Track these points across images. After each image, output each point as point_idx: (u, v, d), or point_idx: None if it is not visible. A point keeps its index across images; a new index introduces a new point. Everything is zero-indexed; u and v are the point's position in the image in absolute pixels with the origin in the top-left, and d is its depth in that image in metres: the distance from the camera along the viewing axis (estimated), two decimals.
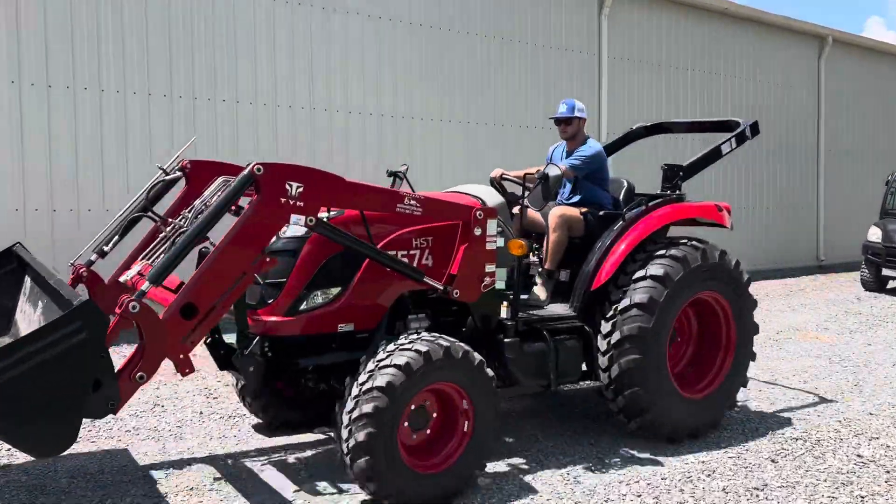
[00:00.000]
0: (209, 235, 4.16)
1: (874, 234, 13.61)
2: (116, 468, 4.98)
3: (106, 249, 4.80)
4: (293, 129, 10.33)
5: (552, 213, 5.76)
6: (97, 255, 4.81)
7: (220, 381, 6.91)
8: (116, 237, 4.83)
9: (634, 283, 5.31)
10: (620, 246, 5.47)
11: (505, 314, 5.16)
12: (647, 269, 5.32)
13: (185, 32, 9.46)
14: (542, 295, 5.66)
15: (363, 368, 4.35)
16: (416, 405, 4.47)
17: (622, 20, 14.04)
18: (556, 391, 5.40)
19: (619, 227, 5.58)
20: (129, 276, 4.53)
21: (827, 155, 18.11)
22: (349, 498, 4.55)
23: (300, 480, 4.83)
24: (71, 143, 8.81)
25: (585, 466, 5.11)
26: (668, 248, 5.45)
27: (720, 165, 15.46)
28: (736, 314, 5.76)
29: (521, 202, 5.25)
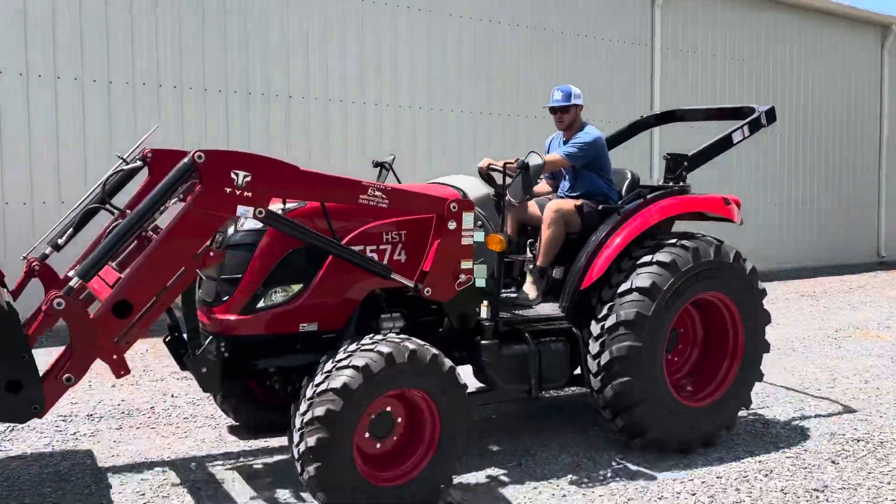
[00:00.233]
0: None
1: None
2: (77, 469, 4.77)
3: (60, 243, 4.58)
4: (360, 125, 10.26)
5: (548, 206, 5.38)
6: (52, 248, 4.60)
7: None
8: (71, 230, 4.61)
9: (620, 296, 4.90)
10: (614, 242, 5.06)
11: (485, 314, 4.81)
12: (632, 280, 4.91)
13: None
14: (531, 294, 5.29)
15: (320, 369, 4.06)
16: (377, 411, 4.15)
17: (675, 10, 13.48)
18: (537, 397, 5.01)
19: (614, 221, 5.18)
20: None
21: (889, 148, 17.28)
22: None
23: (261, 487, 4.56)
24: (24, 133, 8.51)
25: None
26: (654, 251, 5.01)
27: (775, 158, 15.11)
28: (744, 315, 5.29)
29: (502, 193, 4.88)
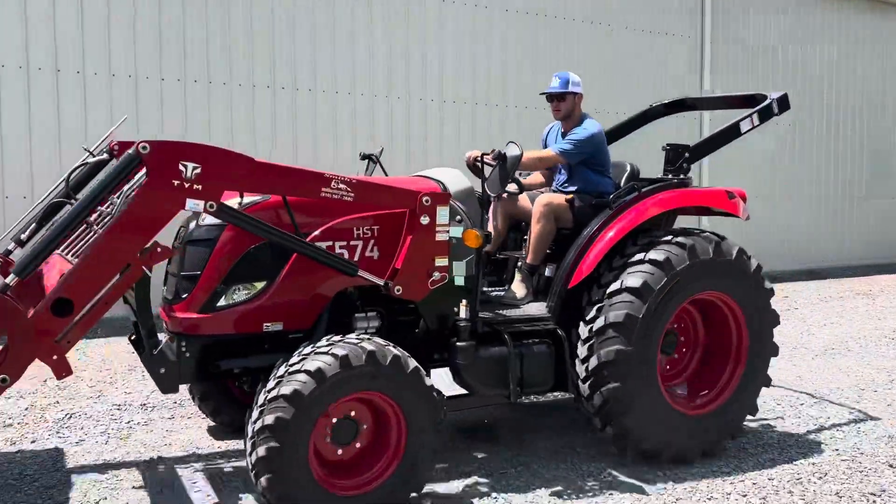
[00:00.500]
0: None
1: None
2: (47, 467, 4.68)
3: (24, 238, 4.46)
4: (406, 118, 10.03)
5: (537, 200, 5.10)
6: (15, 243, 4.48)
7: None
8: (34, 225, 4.48)
9: (610, 297, 4.61)
10: (604, 238, 4.76)
11: (464, 314, 4.54)
12: (622, 279, 4.61)
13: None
14: (520, 292, 5.01)
15: (274, 374, 3.86)
16: (338, 416, 3.94)
17: (727, 0, 12.92)
18: (516, 402, 4.72)
19: (605, 216, 4.87)
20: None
21: None
22: None
23: (227, 491, 4.39)
24: None
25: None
26: (647, 248, 4.70)
27: (835, 153, 14.46)
28: (749, 316, 4.94)
29: (482, 186, 4.62)
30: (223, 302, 4.15)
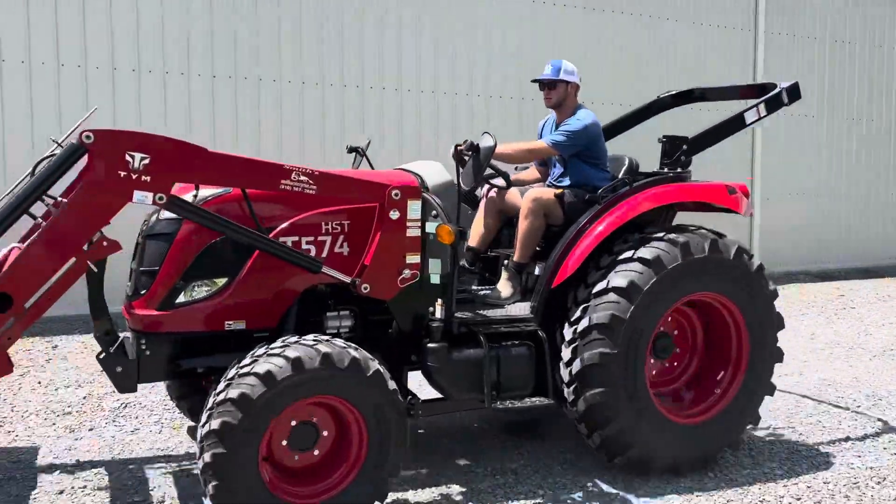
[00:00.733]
0: None
1: None
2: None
3: None
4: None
5: (525, 195, 4.84)
6: None
7: None
8: None
9: (596, 297, 4.33)
10: (591, 234, 4.48)
11: (440, 314, 4.31)
12: (609, 279, 4.34)
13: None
14: (505, 292, 4.75)
15: (224, 376, 3.69)
16: (297, 420, 3.75)
17: None
18: (490, 407, 4.45)
19: (593, 212, 4.59)
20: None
21: None
22: None
23: (190, 494, 4.23)
24: None
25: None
26: (637, 246, 4.41)
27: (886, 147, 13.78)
28: (749, 319, 4.61)
29: (457, 179, 4.39)
30: (183, 298, 3.99)
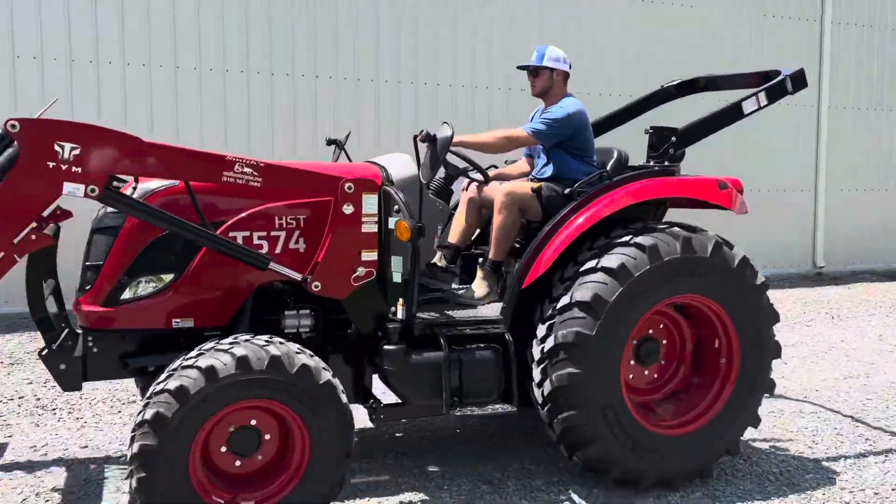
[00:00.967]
0: None
1: None
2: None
3: None
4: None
5: (499, 189, 4.59)
6: None
7: None
8: None
9: (560, 312, 4.06)
10: (565, 231, 4.20)
11: (401, 314, 4.09)
12: (572, 292, 4.06)
13: None
14: (479, 291, 4.51)
15: (170, 367, 3.52)
16: (236, 424, 3.57)
17: None
18: (449, 414, 4.19)
19: (569, 207, 4.31)
20: None
21: None
22: None
23: None
24: None
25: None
26: (600, 254, 4.13)
27: None
28: (737, 318, 4.28)
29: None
30: (128, 295, 3.85)
